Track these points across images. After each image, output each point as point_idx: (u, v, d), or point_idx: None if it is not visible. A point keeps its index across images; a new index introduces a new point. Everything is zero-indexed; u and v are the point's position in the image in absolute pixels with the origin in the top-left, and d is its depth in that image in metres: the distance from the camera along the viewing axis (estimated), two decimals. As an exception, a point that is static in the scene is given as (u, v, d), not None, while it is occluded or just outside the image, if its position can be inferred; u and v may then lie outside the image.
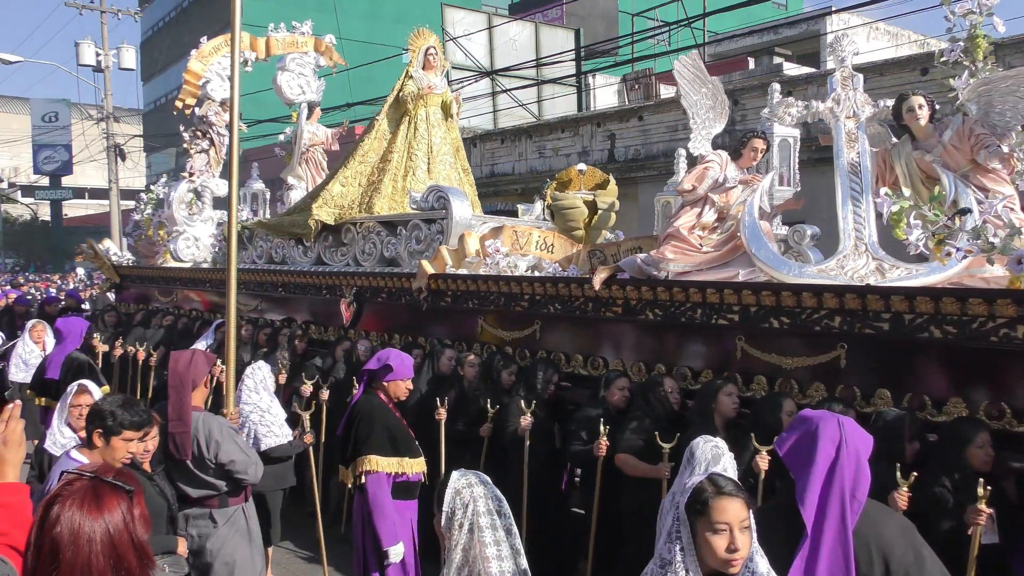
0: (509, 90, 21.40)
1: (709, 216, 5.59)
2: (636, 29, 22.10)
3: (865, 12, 18.66)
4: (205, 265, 10.61)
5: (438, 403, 5.73)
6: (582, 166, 7.21)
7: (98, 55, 26.17)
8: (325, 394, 6.93)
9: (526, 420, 5.32)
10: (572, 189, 7.19)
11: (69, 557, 1.83)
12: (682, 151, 7.15)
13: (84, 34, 34.56)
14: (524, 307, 6.38)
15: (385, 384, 4.75)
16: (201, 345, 9.20)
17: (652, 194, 7.12)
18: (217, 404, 5.44)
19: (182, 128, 10.96)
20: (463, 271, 6.91)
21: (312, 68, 11.55)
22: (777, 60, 18.99)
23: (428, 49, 8.62)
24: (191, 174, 10.73)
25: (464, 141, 10.33)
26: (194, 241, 10.80)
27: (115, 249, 12.34)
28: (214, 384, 5.12)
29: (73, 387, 4.65)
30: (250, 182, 11.71)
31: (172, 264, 10.84)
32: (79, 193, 48.06)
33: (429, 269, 6.98)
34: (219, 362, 5.45)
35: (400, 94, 8.50)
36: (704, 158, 5.67)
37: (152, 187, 11.39)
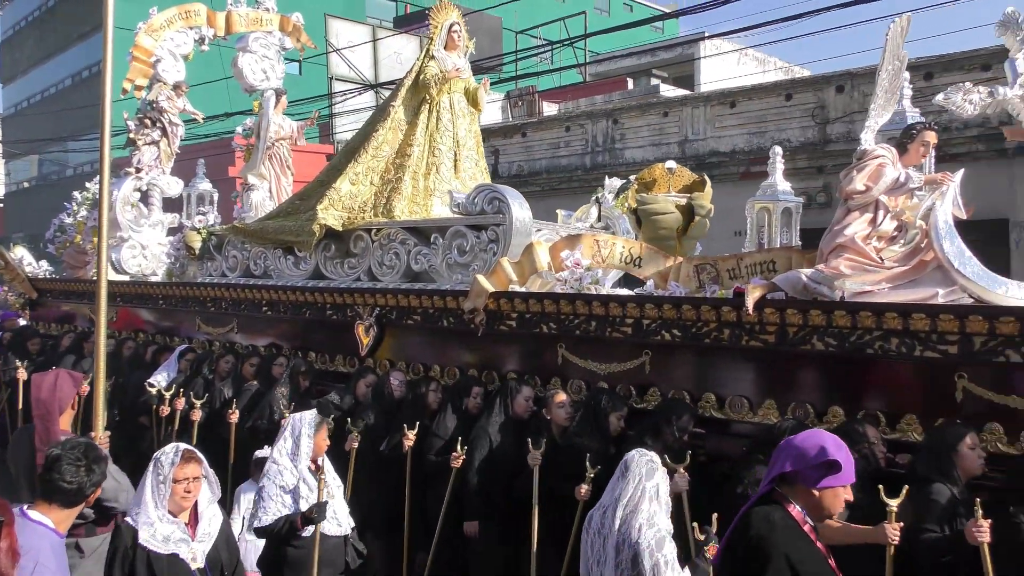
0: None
1: (887, 224, 4.54)
2: (520, 47, 22.83)
3: (735, 39, 19.82)
4: (155, 278, 8.84)
5: (530, 445, 4.68)
6: (671, 164, 6.02)
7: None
8: (355, 442, 5.53)
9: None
10: (658, 191, 6.00)
11: None
12: (778, 149, 6.10)
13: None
14: (626, 333, 5.14)
15: (816, 493, 2.77)
16: (163, 377, 7.56)
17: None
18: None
19: (125, 116, 9.12)
20: (523, 288, 5.66)
21: (277, 50, 10.00)
22: (655, 81, 19.39)
23: (451, 26, 7.30)
24: (138, 170, 8.88)
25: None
26: (141, 249, 8.94)
27: (29, 258, 10.28)
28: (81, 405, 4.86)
29: (170, 453, 3.39)
30: (195, 181, 10.00)
31: (113, 277, 9.00)
32: (-68, 201, 43.81)
33: (488, 286, 5.66)
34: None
35: (420, 77, 7.14)
36: (871, 153, 4.62)
37: (88, 184, 9.48)
